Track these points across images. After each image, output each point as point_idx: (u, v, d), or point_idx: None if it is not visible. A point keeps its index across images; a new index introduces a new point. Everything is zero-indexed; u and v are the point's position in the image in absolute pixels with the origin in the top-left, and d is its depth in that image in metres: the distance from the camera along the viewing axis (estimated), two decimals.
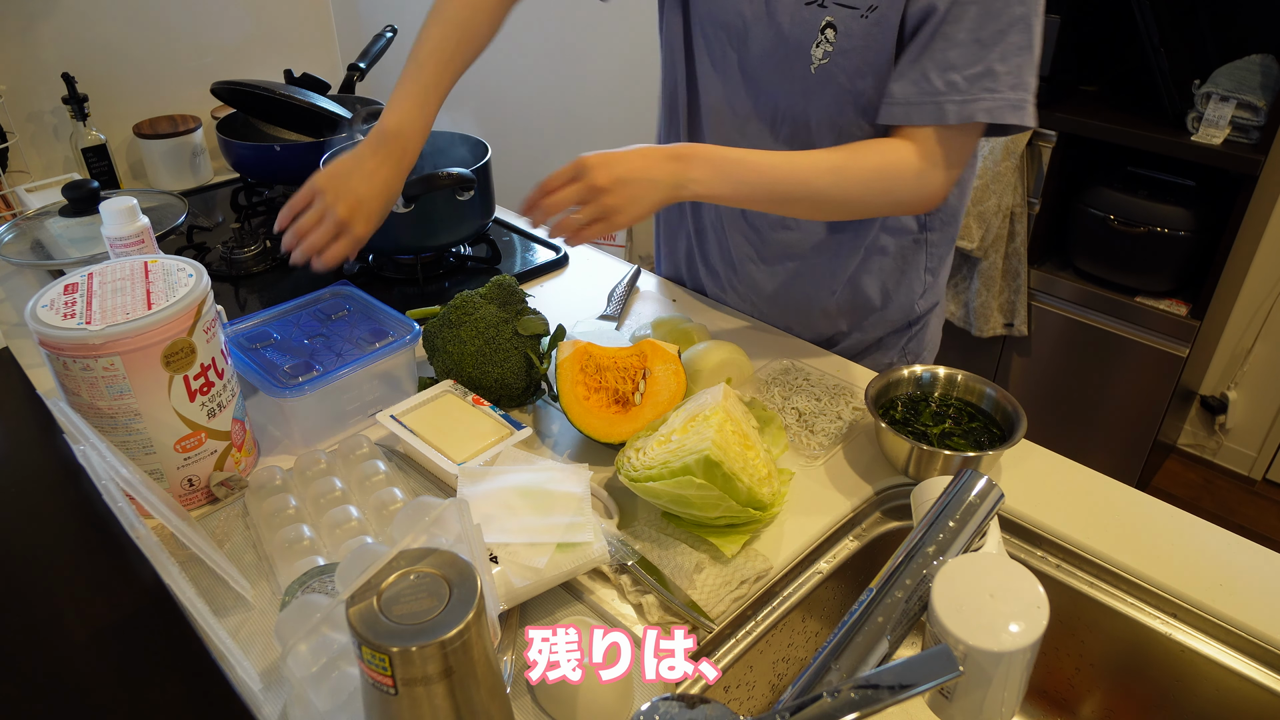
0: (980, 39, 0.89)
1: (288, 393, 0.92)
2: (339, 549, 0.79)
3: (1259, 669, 0.75)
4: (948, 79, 0.90)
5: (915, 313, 1.20)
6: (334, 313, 1.07)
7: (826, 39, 0.95)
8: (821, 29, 0.96)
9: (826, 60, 0.97)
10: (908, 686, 0.52)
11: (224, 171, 1.74)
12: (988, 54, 0.89)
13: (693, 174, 0.92)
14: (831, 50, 0.96)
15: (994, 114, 0.91)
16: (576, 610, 0.77)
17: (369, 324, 1.04)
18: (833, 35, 0.95)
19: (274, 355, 0.99)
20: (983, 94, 0.90)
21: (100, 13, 1.62)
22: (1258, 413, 2.43)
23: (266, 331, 1.04)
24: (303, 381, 0.93)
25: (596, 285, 1.32)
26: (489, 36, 1.08)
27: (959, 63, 0.90)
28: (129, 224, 1.03)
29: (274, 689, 0.67)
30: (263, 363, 0.97)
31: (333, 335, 1.03)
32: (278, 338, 1.03)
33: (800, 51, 0.98)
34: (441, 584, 0.52)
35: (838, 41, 0.95)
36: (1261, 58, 1.98)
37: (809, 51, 0.97)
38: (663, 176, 0.91)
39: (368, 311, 1.07)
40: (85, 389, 0.78)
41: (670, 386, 0.93)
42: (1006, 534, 0.88)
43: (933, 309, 1.23)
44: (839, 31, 0.95)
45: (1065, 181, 2.21)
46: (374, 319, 1.05)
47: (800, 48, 0.98)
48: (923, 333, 1.24)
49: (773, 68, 1.02)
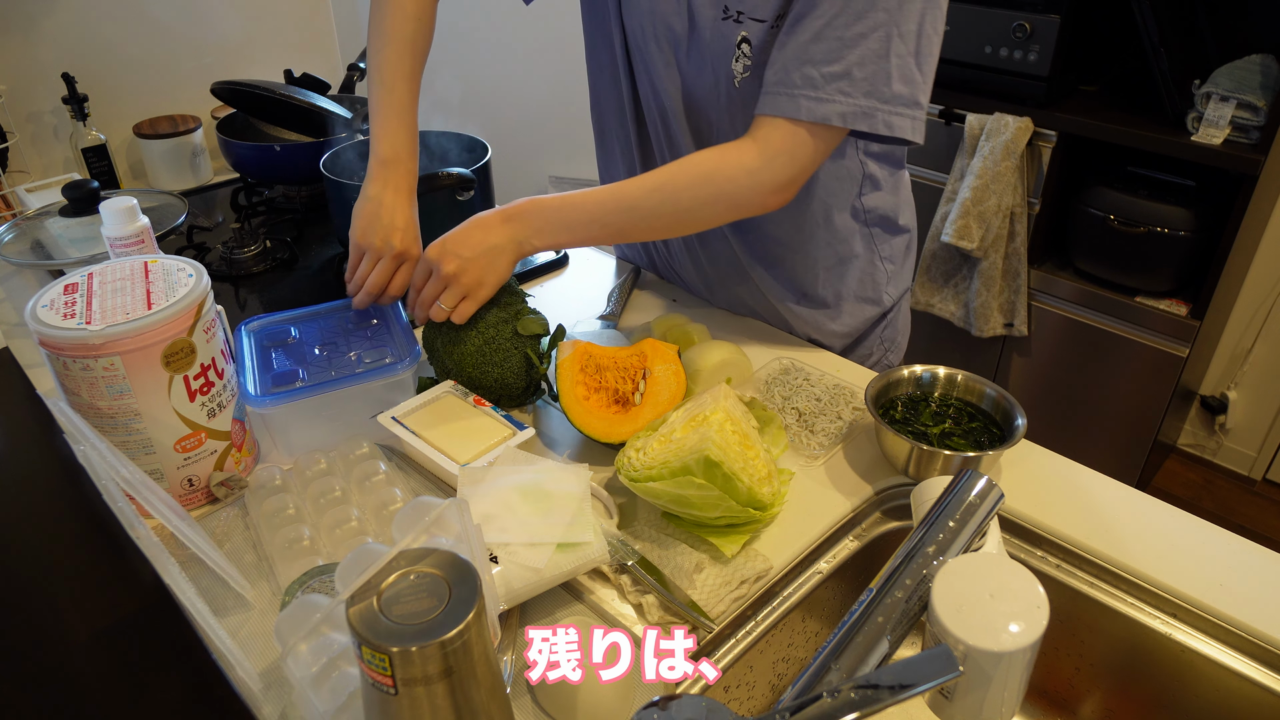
0: (842, 37, 0.87)
1: (265, 401, 0.90)
2: (339, 549, 0.79)
3: (1259, 669, 0.75)
4: (805, 73, 0.89)
5: (886, 303, 1.22)
6: (364, 321, 1.06)
7: (744, 53, 0.96)
8: (738, 43, 0.96)
9: (748, 74, 0.97)
10: (908, 686, 0.52)
11: (224, 171, 1.74)
12: (846, 54, 0.87)
13: (527, 230, 0.96)
14: (750, 64, 0.96)
15: (847, 119, 0.89)
16: (576, 610, 0.77)
17: (380, 343, 1.02)
18: (748, 49, 0.95)
19: (279, 357, 0.99)
20: (837, 95, 0.88)
21: (100, 13, 1.62)
22: (1258, 413, 2.43)
23: (287, 330, 1.03)
24: (277, 393, 0.91)
25: (596, 285, 1.32)
26: (430, 42, 1.11)
27: (817, 57, 0.88)
28: (129, 224, 1.03)
29: (274, 689, 0.67)
30: (263, 363, 0.97)
31: (342, 347, 1.01)
32: (296, 337, 1.02)
33: (723, 67, 0.98)
34: (441, 584, 0.52)
35: (754, 55, 0.95)
36: (1261, 58, 1.98)
37: (730, 67, 0.98)
38: (502, 241, 0.96)
39: (387, 327, 1.05)
40: (85, 389, 0.78)
41: (670, 386, 0.93)
42: (1006, 534, 0.88)
43: (903, 294, 1.26)
44: (754, 45, 0.95)
45: (1065, 181, 2.21)
46: (386, 338, 1.03)
47: (723, 63, 0.98)
48: (895, 319, 1.26)
49: (704, 85, 1.02)
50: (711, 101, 1.03)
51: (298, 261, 1.39)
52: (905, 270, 1.24)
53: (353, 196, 1.27)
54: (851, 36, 0.87)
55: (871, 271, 1.18)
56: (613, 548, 0.79)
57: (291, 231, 1.47)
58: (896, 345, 1.28)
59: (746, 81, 0.97)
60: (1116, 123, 2.04)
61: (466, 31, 2.86)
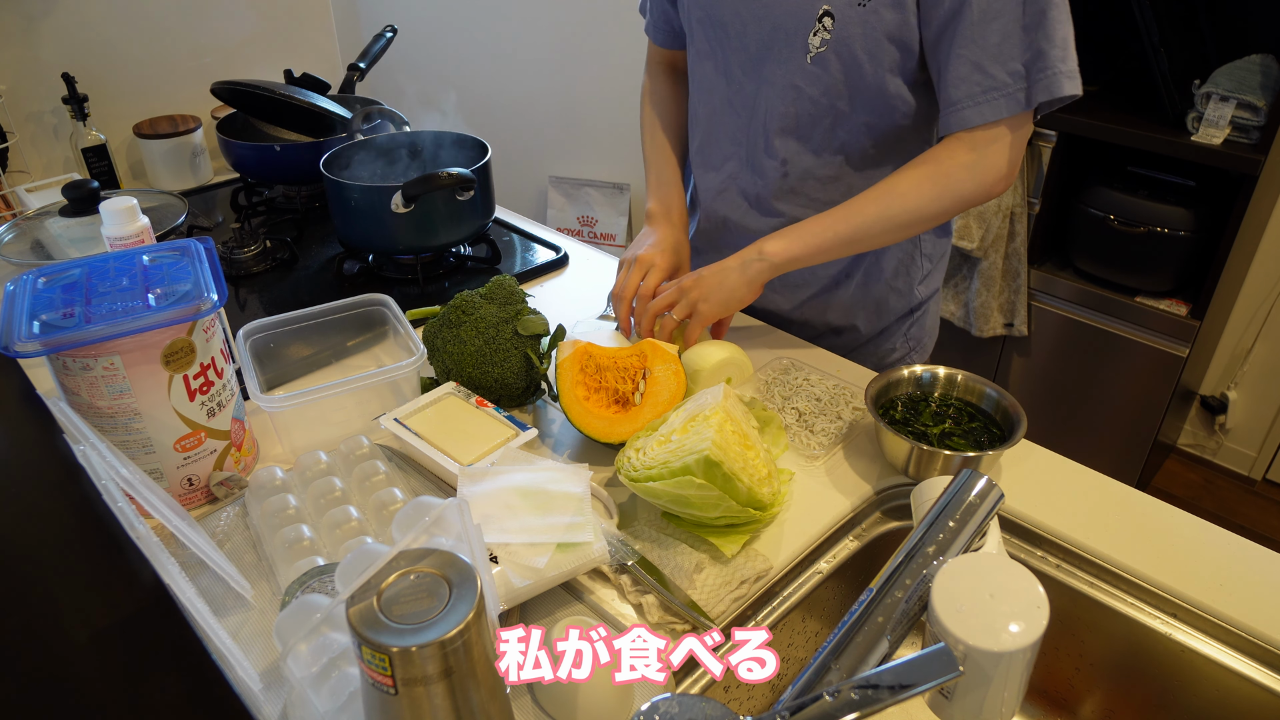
0: (1025, 25, 0.92)
1: None
2: (339, 549, 0.79)
3: (1259, 669, 0.75)
4: (1010, 69, 0.94)
5: (916, 299, 1.23)
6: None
7: (824, 27, 0.98)
8: (819, 17, 0.98)
9: (824, 48, 0.99)
10: (908, 686, 0.52)
11: (224, 171, 1.74)
12: (1035, 36, 0.92)
13: (765, 247, 1.02)
14: (829, 38, 0.98)
15: (1052, 90, 0.94)
16: (576, 610, 0.77)
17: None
18: (830, 24, 0.98)
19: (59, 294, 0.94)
20: (1039, 75, 0.93)
21: (100, 13, 1.62)
22: (1258, 413, 2.43)
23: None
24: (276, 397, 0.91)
25: (596, 285, 1.32)
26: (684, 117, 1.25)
27: (1010, 52, 0.93)
28: (129, 224, 1.03)
29: (274, 689, 0.67)
30: None
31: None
32: None
33: (797, 41, 1.00)
34: (441, 584, 0.52)
35: (835, 30, 0.98)
36: (1261, 58, 1.98)
37: (806, 40, 1.00)
38: (733, 262, 1.02)
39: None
40: (85, 389, 0.78)
41: (670, 386, 0.93)
42: (1006, 534, 0.88)
43: (932, 295, 1.26)
44: (836, 20, 0.97)
45: (1065, 181, 2.21)
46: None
47: (797, 37, 1.00)
48: (923, 319, 1.27)
49: (770, 60, 1.04)
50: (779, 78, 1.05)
51: (298, 261, 1.39)
52: (938, 273, 1.25)
53: (353, 196, 1.27)
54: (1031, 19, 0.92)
55: (909, 264, 1.19)
56: (613, 548, 0.79)
57: (291, 231, 1.47)
58: (922, 346, 1.29)
59: (821, 56, 1.00)
60: (1116, 123, 2.04)
61: (467, 31, 2.86)
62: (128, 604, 0.60)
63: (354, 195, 1.25)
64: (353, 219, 1.28)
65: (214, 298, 0.81)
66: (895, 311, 1.23)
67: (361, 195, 1.25)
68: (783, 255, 1.01)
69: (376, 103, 1.65)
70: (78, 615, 0.57)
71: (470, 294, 1.00)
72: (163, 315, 0.78)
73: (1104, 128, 2.04)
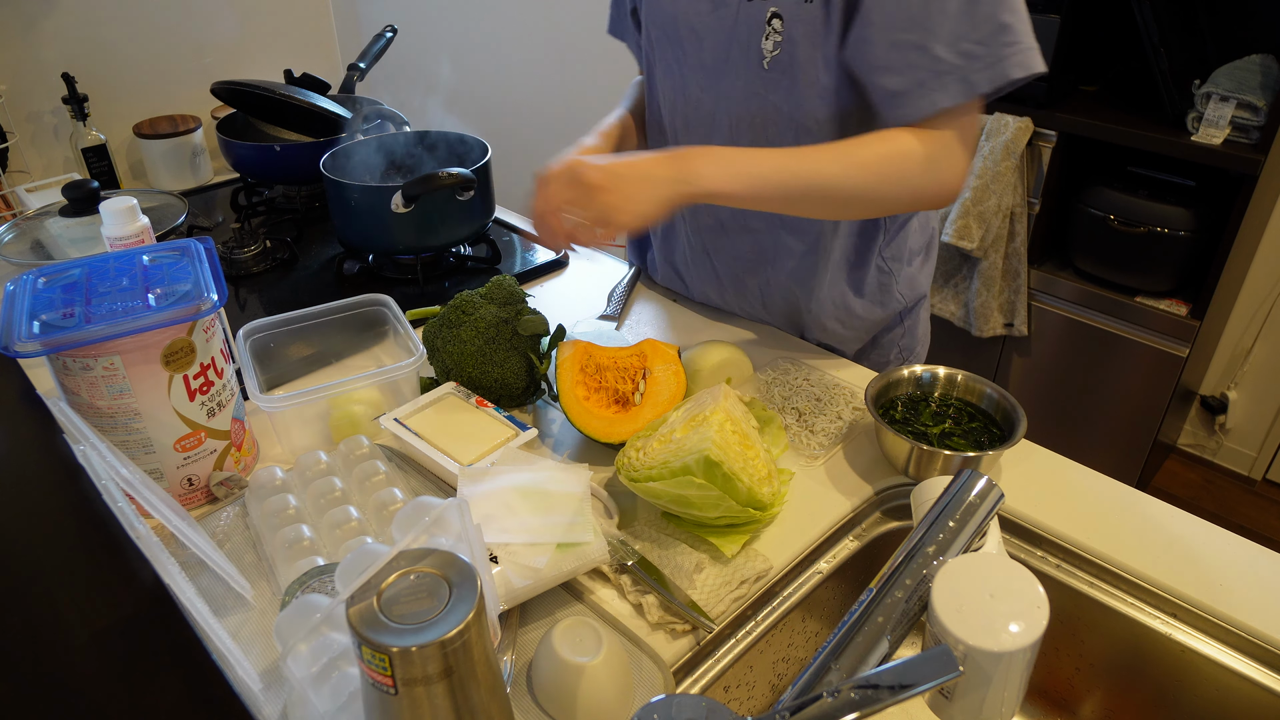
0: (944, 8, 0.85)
1: None
2: (339, 549, 0.79)
3: (1259, 669, 0.75)
4: (960, 49, 0.85)
5: (901, 303, 1.18)
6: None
7: (774, 29, 0.93)
8: (768, 20, 0.94)
9: (778, 52, 0.95)
10: (908, 686, 0.52)
11: (224, 171, 1.74)
12: (993, 8, 0.84)
13: (691, 169, 0.88)
14: (781, 40, 0.94)
15: (1026, 66, 0.86)
16: (576, 610, 0.77)
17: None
18: (779, 25, 0.93)
19: None
20: (1004, 50, 0.85)
21: (100, 13, 1.62)
22: (1258, 413, 2.43)
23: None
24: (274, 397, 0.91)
25: (596, 285, 1.32)
26: None
27: (962, 30, 0.85)
28: (129, 224, 1.03)
29: (274, 689, 0.67)
30: None
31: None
32: None
33: (751, 47, 0.97)
34: (441, 584, 0.52)
35: (785, 31, 0.93)
36: (1261, 58, 1.98)
37: (759, 46, 0.96)
38: (662, 173, 0.88)
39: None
40: (85, 389, 0.78)
41: (670, 386, 0.93)
42: (1006, 534, 0.88)
43: (920, 301, 1.22)
44: (785, 20, 0.93)
45: (1065, 181, 2.21)
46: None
47: (750, 43, 0.97)
48: (915, 327, 1.23)
49: (728, 68, 1.01)
50: (739, 87, 1.00)
51: (298, 261, 1.39)
52: (919, 273, 1.19)
53: (353, 197, 1.27)
54: None
55: (887, 286, 1.15)
56: (613, 548, 0.79)
57: (291, 231, 1.47)
58: (916, 355, 1.25)
59: (777, 60, 0.95)
60: (1116, 123, 2.04)
61: (467, 31, 2.86)
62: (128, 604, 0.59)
63: (354, 195, 1.25)
64: (353, 219, 1.28)
65: (214, 298, 0.81)
66: (879, 321, 1.18)
67: (361, 195, 1.25)
68: (712, 188, 0.89)
69: (376, 102, 1.66)
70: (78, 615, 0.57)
71: (470, 294, 1.00)
72: (163, 315, 0.78)
73: (1104, 128, 2.04)
